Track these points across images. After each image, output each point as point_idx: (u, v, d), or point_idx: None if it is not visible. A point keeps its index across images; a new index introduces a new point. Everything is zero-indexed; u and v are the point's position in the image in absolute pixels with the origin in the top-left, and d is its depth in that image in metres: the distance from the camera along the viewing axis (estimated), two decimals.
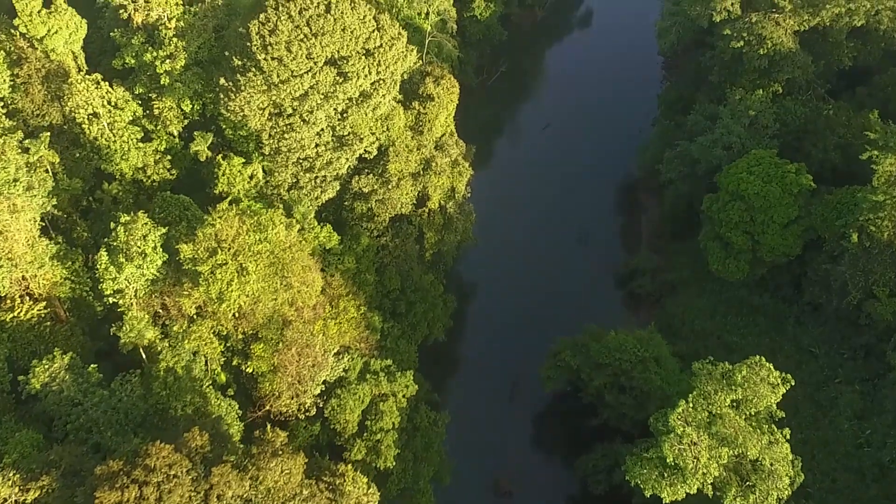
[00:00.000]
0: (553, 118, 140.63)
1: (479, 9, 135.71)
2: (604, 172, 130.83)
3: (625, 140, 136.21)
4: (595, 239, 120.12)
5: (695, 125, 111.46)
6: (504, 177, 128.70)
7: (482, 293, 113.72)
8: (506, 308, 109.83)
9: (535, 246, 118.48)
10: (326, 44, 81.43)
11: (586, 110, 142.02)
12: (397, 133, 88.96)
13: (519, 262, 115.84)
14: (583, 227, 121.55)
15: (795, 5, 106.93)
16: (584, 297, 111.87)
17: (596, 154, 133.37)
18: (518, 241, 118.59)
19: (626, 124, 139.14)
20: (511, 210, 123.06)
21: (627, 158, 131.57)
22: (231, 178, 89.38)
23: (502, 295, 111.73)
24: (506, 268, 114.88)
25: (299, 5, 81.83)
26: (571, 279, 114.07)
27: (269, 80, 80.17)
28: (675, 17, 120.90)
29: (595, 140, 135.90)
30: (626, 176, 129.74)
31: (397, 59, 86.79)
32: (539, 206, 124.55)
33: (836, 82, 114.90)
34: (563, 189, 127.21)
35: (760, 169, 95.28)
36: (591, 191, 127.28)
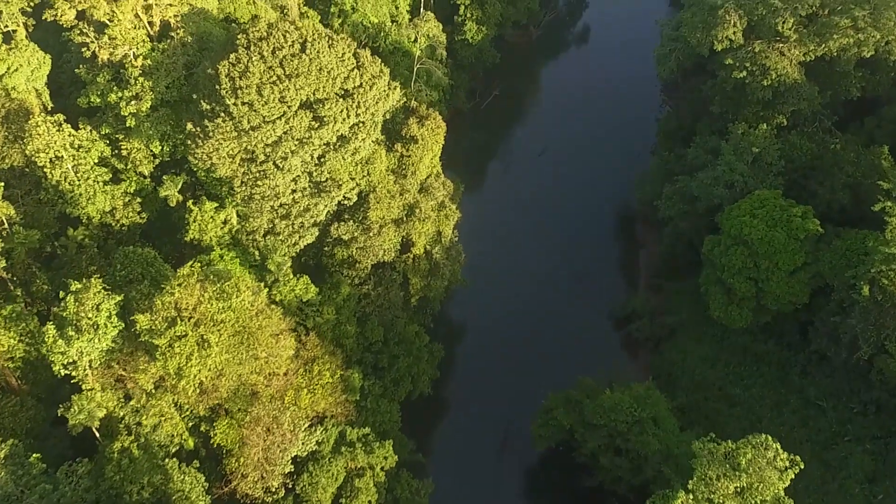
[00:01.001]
0: (548, 143, 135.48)
1: (471, 32, 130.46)
2: (600, 202, 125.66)
3: (623, 167, 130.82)
4: (591, 275, 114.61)
5: (695, 159, 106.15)
6: (496, 207, 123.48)
7: (471, 335, 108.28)
8: (497, 351, 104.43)
9: (528, 282, 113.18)
10: (301, 86, 76.12)
11: (583, 135, 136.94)
12: (378, 178, 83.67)
13: (511, 301, 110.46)
14: (579, 262, 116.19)
15: (801, 35, 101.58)
16: (579, 339, 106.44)
17: (592, 182, 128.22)
18: (510, 278, 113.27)
19: (623, 150, 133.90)
20: (503, 243, 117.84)
21: (625, 187, 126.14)
22: (203, 224, 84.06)
23: (493, 337, 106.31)
24: (497, 307, 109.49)
25: (272, 44, 76.57)
26: (566, 319, 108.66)
27: (239, 126, 74.85)
28: (675, 44, 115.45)
29: (592, 167, 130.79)
30: (623, 207, 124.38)
31: (378, 100, 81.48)
32: (533, 239, 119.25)
33: (844, 112, 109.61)
34: (558, 220, 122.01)
35: (764, 212, 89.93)
36: (587, 222, 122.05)
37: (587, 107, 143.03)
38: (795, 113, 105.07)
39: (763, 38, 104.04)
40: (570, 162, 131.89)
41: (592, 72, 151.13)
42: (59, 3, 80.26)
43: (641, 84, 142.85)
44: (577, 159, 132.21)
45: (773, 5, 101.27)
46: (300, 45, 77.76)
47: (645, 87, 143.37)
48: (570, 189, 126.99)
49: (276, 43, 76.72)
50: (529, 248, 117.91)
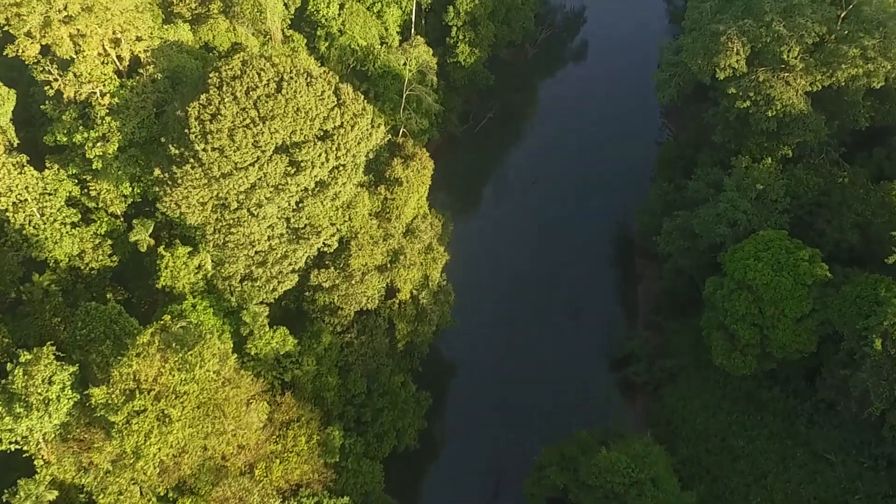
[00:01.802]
0: (544, 169, 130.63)
1: (463, 55, 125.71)
2: (598, 232, 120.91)
3: (621, 193, 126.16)
4: (588, 311, 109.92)
5: (696, 192, 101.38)
6: (488, 236, 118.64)
7: (462, 376, 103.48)
8: (488, 394, 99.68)
9: (522, 318, 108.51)
10: (277, 129, 71.36)
11: (580, 158, 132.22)
12: (361, 223, 78.95)
13: (504, 338, 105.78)
14: (574, 296, 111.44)
15: (808, 64, 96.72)
16: (575, 380, 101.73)
17: (589, 210, 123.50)
18: (503, 313, 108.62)
19: (622, 175, 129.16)
20: (496, 275, 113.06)
21: (623, 215, 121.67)
22: (175, 271, 79.41)
23: (485, 378, 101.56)
24: (489, 345, 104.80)
25: (246, 84, 71.84)
26: (562, 358, 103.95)
27: (209, 173, 70.09)
28: (675, 69, 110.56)
29: (589, 193, 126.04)
30: (621, 237, 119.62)
31: (360, 140, 76.72)
32: (527, 271, 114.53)
33: (851, 142, 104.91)
34: (554, 250, 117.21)
35: (769, 254, 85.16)
36: (583, 253, 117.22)
37: (585, 128, 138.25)
38: (801, 144, 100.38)
39: (767, 66, 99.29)
40: (566, 187, 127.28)
41: (590, 90, 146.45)
42: (20, 38, 75.47)
43: (641, 104, 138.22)
44: (574, 184, 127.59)
45: (777, 32, 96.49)
46: (276, 83, 73.02)
47: (644, 107, 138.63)
48: (566, 217, 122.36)
49: (251, 82, 71.98)
50: (523, 280, 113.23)
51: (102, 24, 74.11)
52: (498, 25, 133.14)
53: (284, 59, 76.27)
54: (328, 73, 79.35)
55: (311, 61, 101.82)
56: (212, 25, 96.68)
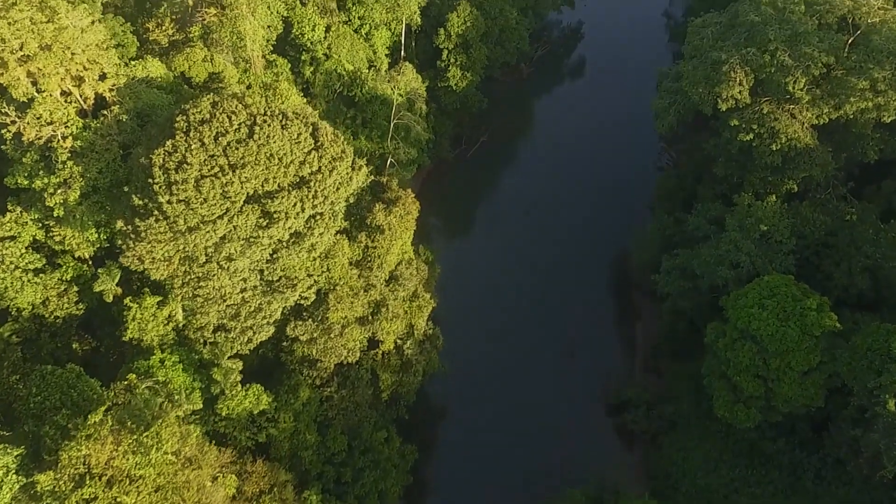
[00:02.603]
0: (539, 195, 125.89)
1: (455, 79, 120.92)
2: (594, 265, 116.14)
3: (619, 222, 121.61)
4: (583, 350, 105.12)
5: (696, 229, 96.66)
6: (480, 268, 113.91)
7: (450, 421, 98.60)
8: (478, 442, 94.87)
9: (513, 358, 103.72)
10: (248, 178, 66.61)
11: (576, 184, 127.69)
12: (340, 273, 74.20)
13: (494, 381, 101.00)
14: (569, 334, 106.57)
15: (814, 96, 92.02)
16: (569, 426, 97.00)
17: (585, 240, 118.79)
18: (494, 353, 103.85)
19: (619, 202, 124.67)
20: (486, 311, 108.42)
21: (621, 246, 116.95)
22: (143, 323, 74.67)
23: (474, 424, 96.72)
24: (479, 388, 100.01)
25: (215, 129, 67.06)
26: (555, 402, 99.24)
27: (175, 226, 65.30)
28: (674, 96, 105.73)
29: (585, 222, 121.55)
30: (619, 271, 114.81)
31: (340, 186, 71.99)
32: (520, 307, 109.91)
33: (859, 174, 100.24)
34: (548, 285, 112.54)
35: (775, 302, 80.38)
36: (579, 287, 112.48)
37: (582, 152, 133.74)
38: (807, 178, 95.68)
39: (771, 97, 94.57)
40: (561, 214, 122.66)
41: (588, 111, 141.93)
42: None
43: (640, 125, 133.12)
44: (570, 212, 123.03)
45: (782, 62, 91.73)
46: (248, 127, 68.26)
47: (643, 128, 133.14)
48: (561, 247, 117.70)
49: (220, 127, 67.21)
50: (516, 316, 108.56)
51: (63, 63, 69.33)
52: (491, 47, 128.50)
53: (258, 98, 71.63)
54: (305, 114, 74.70)
55: (294, 91, 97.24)
56: (188, 55, 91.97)
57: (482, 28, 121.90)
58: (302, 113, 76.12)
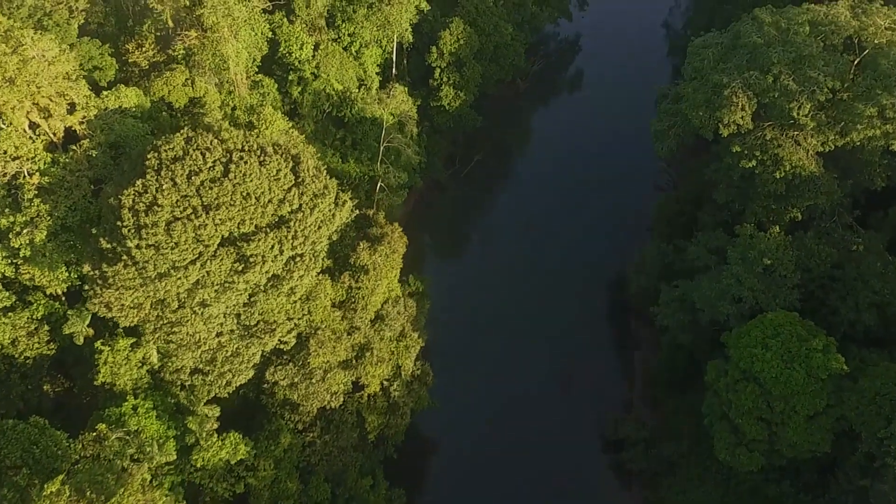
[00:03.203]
0: (535, 216, 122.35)
1: (448, 98, 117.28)
2: (592, 289, 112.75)
3: (617, 245, 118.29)
4: (580, 380, 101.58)
5: (696, 259, 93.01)
6: (474, 294, 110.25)
7: (442, 457, 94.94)
8: (471, 480, 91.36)
9: (508, 389, 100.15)
10: (223, 219, 63.04)
11: (574, 204, 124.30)
12: (322, 316, 70.61)
13: (488, 413, 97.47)
14: (565, 363, 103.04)
15: (819, 122, 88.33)
16: (565, 462, 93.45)
17: (582, 263, 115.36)
18: (487, 382, 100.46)
19: (618, 223, 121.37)
20: (480, 338, 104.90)
21: (620, 270, 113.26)
22: (115, 367, 71.10)
23: (466, 460, 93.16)
24: (472, 421, 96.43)
25: (189, 167, 63.47)
26: (550, 437, 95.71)
27: (144, 273, 61.70)
28: (674, 118, 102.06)
29: (582, 244, 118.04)
30: (617, 296, 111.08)
31: (322, 225, 68.41)
32: (514, 333, 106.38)
33: (866, 200, 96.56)
34: (544, 311, 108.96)
35: (778, 342, 76.75)
36: (575, 314, 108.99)
37: (579, 170, 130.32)
38: (811, 206, 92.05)
39: (775, 122, 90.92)
40: (558, 237, 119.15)
41: (586, 127, 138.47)
42: None
43: (638, 143, 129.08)
44: (566, 234, 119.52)
45: (786, 87, 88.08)
46: (224, 165, 64.67)
47: (642, 145, 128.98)
48: (558, 271, 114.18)
49: (194, 165, 63.62)
50: (511, 344, 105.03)
51: (28, 96, 65.74)
52: (486, 64, 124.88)
53: (236, 133, 67.82)
54: (287, 146, 71.20)
55: (278, 116, 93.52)
56: (167, 79, 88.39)
57: (476, 45, 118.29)
58: (283, 146, 72.68)
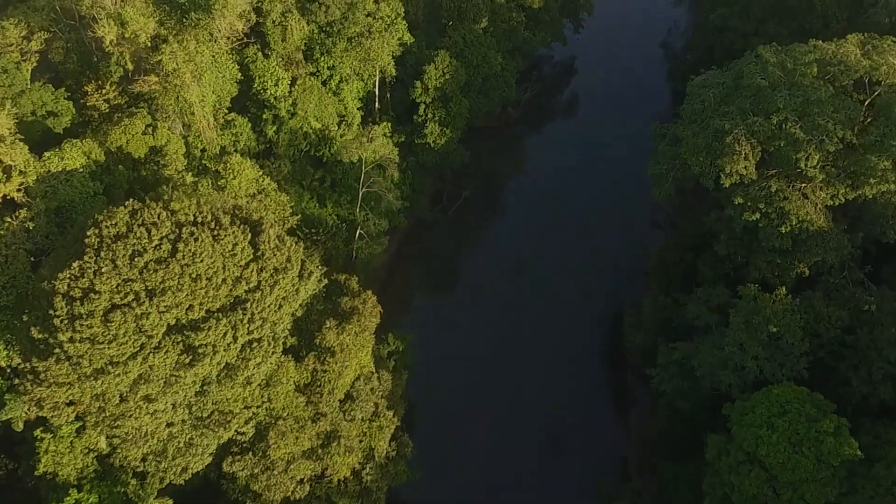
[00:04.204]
0: (525, 258, 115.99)
1: (433, 136, 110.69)
2: (585, 339, 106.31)
3: (613, 289, 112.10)
4: (572, 443, 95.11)
5: (696, 318, 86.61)
6: (460, 344, 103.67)
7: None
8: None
9: (495, 450, 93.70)
10: (169, 306, 56.62)
11: (566, 245, 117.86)
12: (284, 403, 64.19)
13: (474, 480, 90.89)
14: (556, 423, 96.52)
15: (829, 174, 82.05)
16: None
17: (577, 310, 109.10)
18: (471, 443, 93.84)
19: (615, 268, 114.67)
20: (466, 394, 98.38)
21: (615, 317, 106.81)
22: (58, 456, 64.62)
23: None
24: (457, 489, 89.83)
25: (132, 247, 57.04)
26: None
27: (79, 369, 55.27)
28: (672, 161, 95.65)
29: (576, 289, 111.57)
30: (612, 347, 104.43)
31: (283, 303, 62.00)
32: (503, 388, 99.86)
33: (877, 252, 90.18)
34: (534, 364, 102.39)
35: (785, 423, 70.37)
36: (568, 367, 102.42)
37: (572, 205, 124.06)
38: (820, 262, 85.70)
39: (780, 172, 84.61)
40: (549, 280, 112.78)
41: (580, 159, 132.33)
42: None
43: (635, 174, 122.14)
44: (559, 277, 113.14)
45: (793, 136, 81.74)
46: (172, 242, 58.23)
47: (639, 178, 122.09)
48: (550, 318, 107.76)
49: (137, 244, 57.21)
50: (499, 400, 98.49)
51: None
52: (474, 97, 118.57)
53: (187, 202, 61.35)
54: (249, 210, 64.90)
55: (247, 165, 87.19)
56: (125, 128, 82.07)
57: (463, 79, 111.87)
58: (245, 209, 66.42)
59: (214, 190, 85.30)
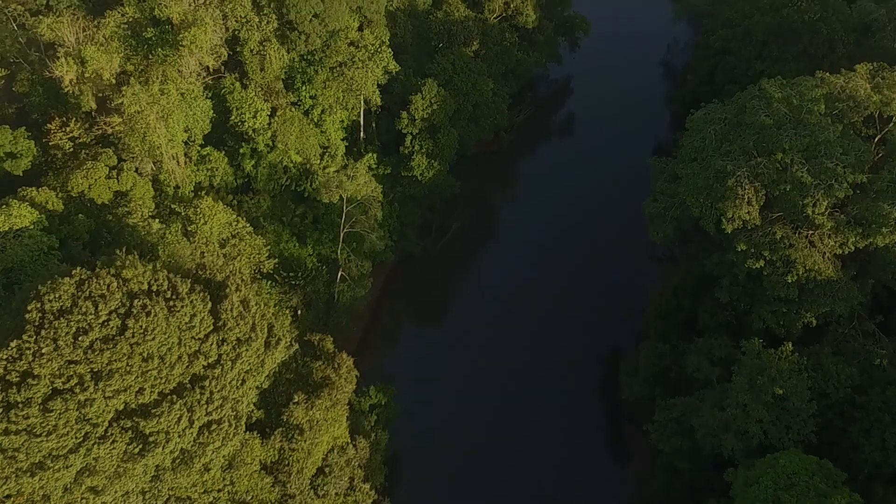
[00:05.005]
0: (518, 294, 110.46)
1: (420, 168, 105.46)
2: (580, 386, 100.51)
3: (609, 328, 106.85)
4: (566, 497, 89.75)
5: (696, 372, 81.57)
6: (446, 391, 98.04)
7: None
8: None
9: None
10: (116, 390, 51.45)
11: (560, 280, 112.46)
12: (248, 485, 58.93)
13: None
14: (548, 481, 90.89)
15: (838, 222, 76.93)
16: None
17: (571, 354, 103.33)
18: (460, 500, 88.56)
19: (610, 304, 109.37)
20: (453, 446, 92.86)
21: (612, 356, 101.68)
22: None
23: None
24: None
25: (76, 324, 51.85)
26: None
27: (15, 462, 50.10)
28: (671, 200, 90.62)
29: (571, 331, 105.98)
30: (608, 396, 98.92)
31: (247, 378, 56.81)
32: (491, 439, 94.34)
33: (888, 300, 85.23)
34: (527, 412, 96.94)
35: (793, 497, 65.14)
36: (561, 417, 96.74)
37: (567, 237, 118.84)
38: (828, 312, 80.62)
39: (786, 217, 79.52)
40: (542, 321, 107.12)
41: (574, 186, 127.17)
42: None
43: (633, 204, 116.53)
44: (552, 317, 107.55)
45: (800, 180, 76.71)
46: (121, 317, 53.06)
47: (637, 207, 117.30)
48: (542, 361, 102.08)
49: (83, 321, 52.01)
50: (487, 452, 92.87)
51: None
52: (464, 124, 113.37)
53: (140, 268, 56.12)
54: (213, 270, 59.69)
55: (219, 209, 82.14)
56: (87, 172, 76.93)
57: (452, 108, 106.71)
58: (209, 268, 61.23)
59: (184, 236, 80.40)
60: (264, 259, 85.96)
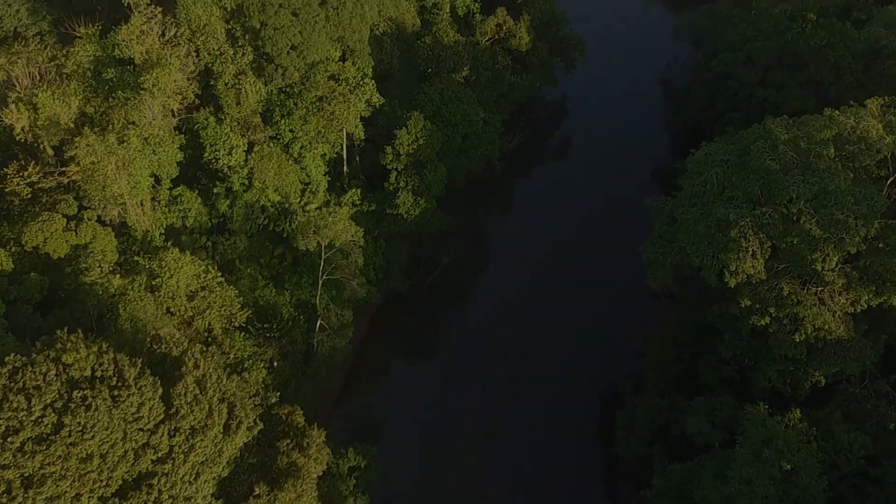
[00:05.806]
0: (509, 337, 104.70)
1: (405, 206, 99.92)
2: (574, 438, 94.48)
3: (605, 372, 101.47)
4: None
5: (697, 434, 76.35)
6: (434, 447, 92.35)
7: None
8: None
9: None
10: (50, 497, 46.14)
11: (553, 319, 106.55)
12: None
13: None
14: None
15: (850, 279, 71.65)
16: None
17: (565, 400, 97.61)
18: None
19: (608, 346, 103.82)
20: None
21: (607, 408, 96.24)
22: None
23: None
24: None
25: (5, 422, 46.56)
26: None
27: None
28: (670, 245, 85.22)
29: (564, 378, 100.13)
30: (604, 451, 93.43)
31: (201, 470, 51.53)
32: (481, 495, 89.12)
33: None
34: (516, 468, 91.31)
35: None
36: (554, 473, 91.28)
37: (561, 271, 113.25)
38: (838, 371, 75.43)
39: (793, 271, 74.18)
40: (535, 365, 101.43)
41: (569, 216, 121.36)
42: None
43: (630, 236, 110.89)
44: (545, 361, 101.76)
45: (808, 234, 71.39)
46: (58, 412, 47.73)
47: (635, 239, 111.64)
48: (534, 411, 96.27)
49: (13, 419, 46.70)
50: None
51: None
52: (453, 156, 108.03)
53: (84, 351, 50.73)
54: (171, 344, 54.46)
55: (187, 259, 76.94)
56: (42, 225, 71.56)
57: (439, 142, 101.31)
58: (167, 340, 56.01)
59: (148, 291, 75.20)
60: (237, 311, 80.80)
